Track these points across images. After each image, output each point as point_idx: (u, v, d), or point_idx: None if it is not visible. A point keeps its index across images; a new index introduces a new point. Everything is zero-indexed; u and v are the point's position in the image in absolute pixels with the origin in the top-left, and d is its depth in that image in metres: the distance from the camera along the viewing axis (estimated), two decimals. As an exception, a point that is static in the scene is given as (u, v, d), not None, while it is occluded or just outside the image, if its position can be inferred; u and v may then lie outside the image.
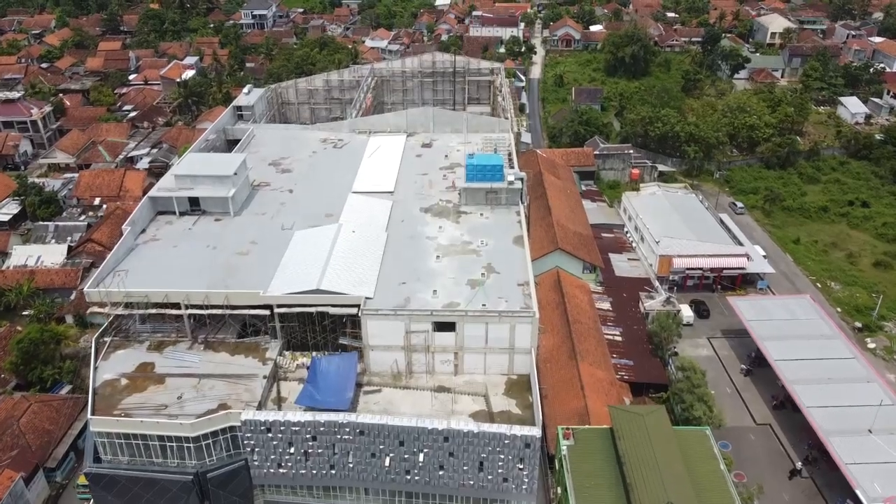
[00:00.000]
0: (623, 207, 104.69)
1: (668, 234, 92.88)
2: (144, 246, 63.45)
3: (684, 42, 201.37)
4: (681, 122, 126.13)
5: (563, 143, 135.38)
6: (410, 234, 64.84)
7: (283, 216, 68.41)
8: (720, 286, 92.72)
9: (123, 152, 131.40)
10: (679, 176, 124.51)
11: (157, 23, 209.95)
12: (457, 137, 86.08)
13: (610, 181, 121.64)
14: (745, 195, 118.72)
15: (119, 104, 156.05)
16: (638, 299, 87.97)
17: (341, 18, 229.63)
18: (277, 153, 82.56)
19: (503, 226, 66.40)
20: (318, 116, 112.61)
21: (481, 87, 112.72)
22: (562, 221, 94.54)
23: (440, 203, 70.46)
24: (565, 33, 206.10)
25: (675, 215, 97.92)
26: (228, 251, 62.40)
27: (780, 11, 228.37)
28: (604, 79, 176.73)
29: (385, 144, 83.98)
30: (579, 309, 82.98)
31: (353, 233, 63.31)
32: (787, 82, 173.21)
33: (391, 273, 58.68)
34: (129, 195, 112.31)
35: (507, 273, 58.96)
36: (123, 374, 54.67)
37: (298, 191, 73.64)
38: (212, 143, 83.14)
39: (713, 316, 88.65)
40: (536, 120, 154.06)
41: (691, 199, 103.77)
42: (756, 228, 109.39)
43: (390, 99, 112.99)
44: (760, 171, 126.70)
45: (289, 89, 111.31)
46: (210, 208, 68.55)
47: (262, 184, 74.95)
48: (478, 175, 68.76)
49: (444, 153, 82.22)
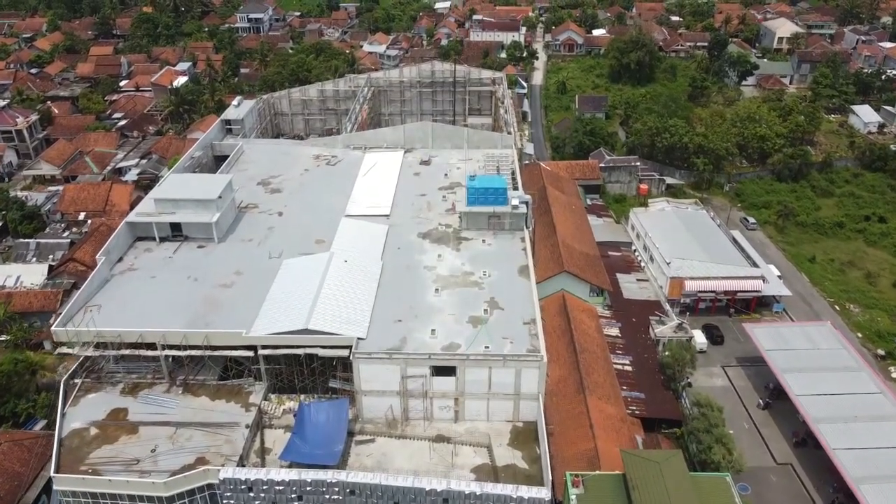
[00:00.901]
0: (631, 224, 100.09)
1: (679, 255, 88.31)
2: (120, 277, 58.88)
3: (689, 47, 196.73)
4: (689, 132, 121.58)
5: (566, 153, 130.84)
6: (407, 264, 60.31)
7: (271, 242, 63.93)
8: (734, 309, 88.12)
9: (112, 163, 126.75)
10: (688, 189, 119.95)
11: (151, 27, 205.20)
12: (457, 154, 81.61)
13: (616, 194, 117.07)
14: (756, 210, 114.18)
15: (109, 112, 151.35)
16: (648, 324, 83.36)
17: (339, 22, 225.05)
18: (267, 171, 78.07)
19: (507, 254, 61.89)
20: (313, 127, 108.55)
21: (482, 97, 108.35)
22: (567, 241, 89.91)
23: (439, 228, 65.95)
24: (568, 38, 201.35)
25: (686, 233, 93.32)
26: (211, 283, 57.89)
27: (786, 15, 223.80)
28: (608, 85, 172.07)
29: (381, 162, 79.55)
30: (587, 336, 78.39)
31: (345, 262, 58.80)
32: (795, 89, 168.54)
33: (386, 309, 54.13)
34: (115, 210, 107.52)
35: (512, 309, 54.43)
36: (93, 423, 50.11)
37: (288, 213, 69.12)
38: (197, 161, 78.58)
39: (727, 342, 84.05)
40: (539, 129, 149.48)
41: (702, 215, 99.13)
42: (769, 246, 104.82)
43: (387, 110, 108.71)
44: (772, 183, 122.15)
45: (282, 99, 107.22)
46: (192, 234, 64.04)
47: (250, 206, 70.43)
48: (479, 198, 64.25)
49: (444, 171, 77.75)
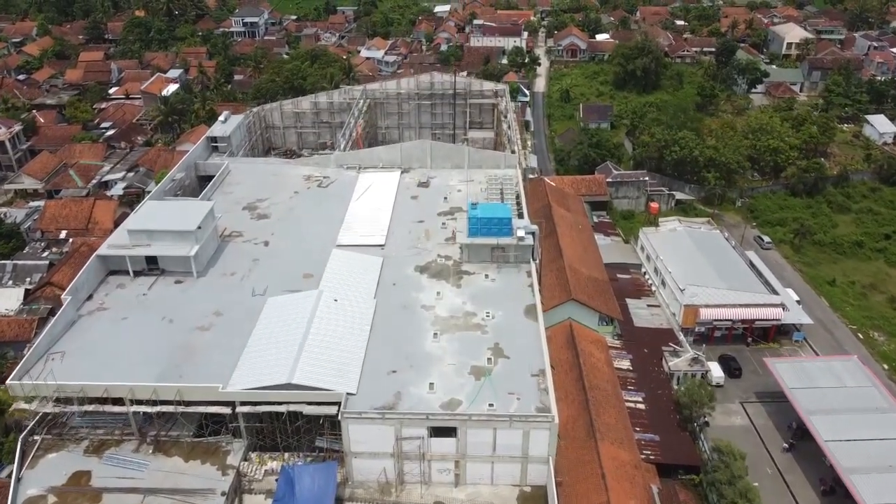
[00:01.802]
0: (640, 245, 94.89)
1: (693, 280, 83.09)
2: (88, 318, 53.68)
3: (695, 52, 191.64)
4: (699, 144, 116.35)
5: (570, 166, 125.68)
6: (403, 303, 55.14)
7: (255, 277, 58.75)
8: (752, 338, 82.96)
9: (97, 176, 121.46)
10: (698, 204, 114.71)
11: (143, 31, 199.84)
12: (457, 174, 76.49)
13: (623, 211, 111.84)
14: (771, 227, 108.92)
15: (97, 121, 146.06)
16: (661, 355, 78.22)
17: (336, 26, 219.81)
18: (254, 193, 72.89)
19: (512, 291, 56.74)
20: (306, 141, 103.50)
21: (484, 109, 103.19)
22: (574, 264, 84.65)
23: (438, 260, 60.77)
24: (570, 43, 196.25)
25: (700, 256, 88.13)
26: (187, 325, 52.68)
27: (794, 20, 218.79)
28: (612, 92, 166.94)
29: (376, 183, 74.39)
30: (596, 371, 73.16)
31: (334, 302, 53.64)
32: (806, 97, 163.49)
33: (379, 358, 48.96)
34: (97, 228, 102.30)
35: (519, 358, 49.29)
36: (52, 489, 44.91)
37: (275, 243, 63.92)
38: (179, 183, 73.35)
39: (745, 374, 78.81)
40: (542, 139, 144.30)
41: (716, 236, 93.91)
42: (786, 267, 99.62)
43: (384, 123, 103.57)
44: (786, 198, 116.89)
45: (273, 112, 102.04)
46: (170, 267, 58.87)
47: (234, 234, 65.24)
48: (482, 229, 59.09)
49: (443, 194, 72.57)
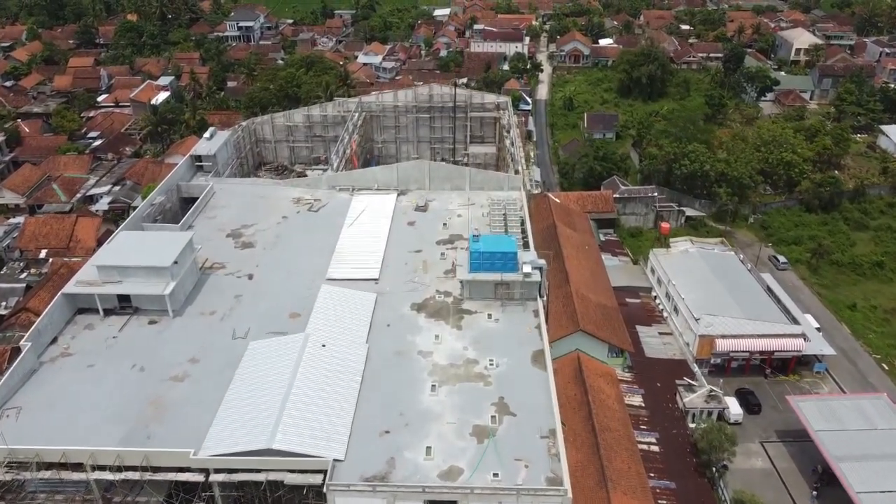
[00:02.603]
0: (651, 267, 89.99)
1: (708, 308, 78.25)
2: (51, 366, 48.63)
3: (701, 58, 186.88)
4: (710, 158, 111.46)
5: (575, 179, 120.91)
6: (398, 349, 50.10)
7: (237, 316, 53.73)
8: (770, 370, 78.09)
9: (82, 190, 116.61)
10: (709, 221, 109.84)
11: (135, 36, 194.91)
12: (457, 197, 71.45)
13: (631, 228, 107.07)
14: (786, 246, 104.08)
15: (84, 130, 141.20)
16: (674, 390, 73.41)
17: (333, 31, 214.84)
18: (239, 218, 67.81)
19: (518, 334, 51.65)
20: (299, 155, 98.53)
21: (485, 123, 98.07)
22: (582, 290, 79.90)
23: (437, 297, 55.71)
24: (573, 48, 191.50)
25: (715, 281, 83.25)
26: (159, 374, 47.66)
27: (801, 24, 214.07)
28: (617, 100, 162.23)
29: (371, 206, 69.33)
30: (606, 409, 68.29)
31: (322, 347, 48.64)
32: (817, 105, 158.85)
33: (371, 415, 43.93)
34: (79, 247, 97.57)
35: (527, 415, 44.22)
36: (2, 567, 39.94)
37: (260, 276, 58.87)
38: (160, 207, 68.29)
39: (765, 410, 74.02)
40: (545, 149, 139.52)
41: (730, 258, 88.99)
42: (803, 289, 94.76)
43: (381, 137, 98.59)
44: (800, 214, 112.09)
45: (264, 125, 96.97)
46: (144, 305, 53.83)
47: (216, 265, 60.18)
48: (485, 264, 54.03)
49: (443, 220, 67.48)
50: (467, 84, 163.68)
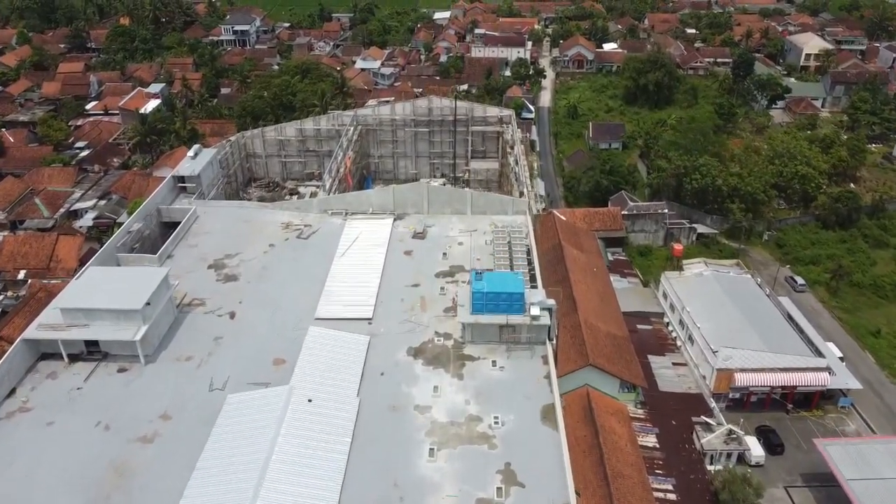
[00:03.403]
0: (662, 291, 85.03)
1: (725, 337, 73.38)
2: (6, 423, 43.64)
3: (708, 63, 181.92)
4: (722, 172, 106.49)
5: (581, 192, 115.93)
6: (393, 402, 45.17)
7: (216, 362, 48.81)
8: (792, 405, 73.17)
9: (66, 205, 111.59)
10: (722, 238, 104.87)
11: (127, 40, 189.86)
12: (458, 222, 66.62)
13: (640, 246, 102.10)
14: (803, 266, 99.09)
15: (72, 140, 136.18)
16: (691, 428, 68.47)
17: (331, 34, 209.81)
18: (223, 246, 62.87)
19: (526, 386, 46.73)
20: (291, 171, 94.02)
21: (488, 137, 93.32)
22: (591, 320, 74.74)
23: (436, 340, 50.78)
24: (577, 53, 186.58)
25: (732, 308, 78.25)
26: (126, 434, 42.74)
27: (809, 27, 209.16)
28: (622, 108, 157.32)
29: (365, 233, 64.46)
30: (619, 452, 63.28)
31: (308, 402, 43.78)
32: (829, 113, 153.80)
33: (361, 487, 38.99)
34: (60, 267, 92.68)
35: (537, 485, 39.30)
36: None
37: (243, 315, 53.96)
38: (137, 234, 63.33)
39: (788, 450, 69.07)
40: (549, 161, 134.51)
41: (748, 282, 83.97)
42: (822, 314, 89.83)
43: (377, 152, 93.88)
44: (817, 231, 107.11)
45: (254, 139, 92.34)
46: (113, 350, 48.95)
47: (195, 302, 55.28)
48: (489, 305, 49.11)
49: (442, 248, 62.59)
50: (468, 91, 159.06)
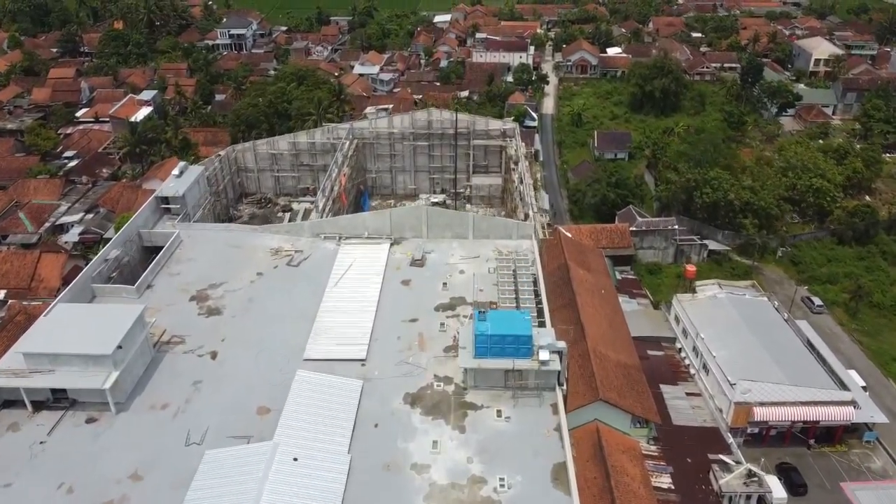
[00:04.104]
0: (674, 314, 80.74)
1: (743, 369, 69.07)
2: (-41, 485, 39.56)
3: (715, 68, 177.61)
4: (734, 185, 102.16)
5: (586, 205, 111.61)
6: (387, 460, 40.92)
7: (194, 410, 44.58)
8: (814, 440, 68.87)
9: (52, 218, 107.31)
10: (734, 255, 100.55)
11: (120, 45, 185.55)
12: (459, 247, 62.37)
13: (649, 263, 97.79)
14: (820, 285, 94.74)
15: (60, 149, 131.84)
16: (707, 466, 64.12)
17: (328, 38, 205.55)
18: (207, 275, 58.61)
19: (534, 440, 42.46)
20: (284, 185, 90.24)
21: (490, 151, 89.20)
22: (600, 348, 70.40)
23: (435, 386, 46.51)
24: (581, 58, 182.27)
25: (749, 335, 73.91)
26: (92, 497, 38.51)
27: (817, 32, 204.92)
28: (628, 115, 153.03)
29: (360, 260, 60.24)
30: (632, 496, 58.87)
31: (294, 461, 39.53)
32: (840, 121, 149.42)
33: (351, 565, 34.91)
34: (42, 287, 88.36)
35: (548, 564, 35.15)
36: None
37: (225, 354, 49.69)
38: (116, 262, 59.06)
39: (811, 490, 64.78)
40: (553, 171, 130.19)
41: (764, 306, 79.60)
42: (842, 337, 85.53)
43: (374, 166, 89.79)
44: (833, 247, 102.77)
45: (246, 153, 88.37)
46: (82, 397, 44.73)
47: (174, 339, 51.02)
48: (493, 349, 44.82)
49: (443, 277, 58.33)
50: (469, 98, 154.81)
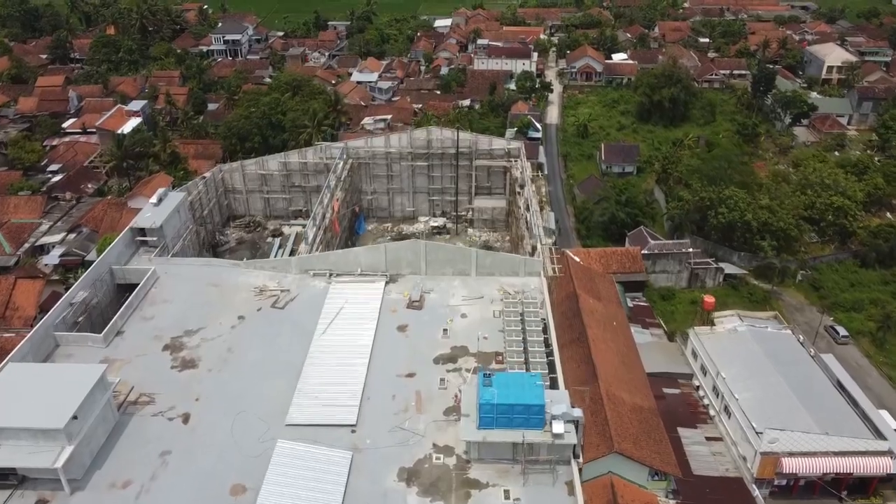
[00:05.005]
0: (691, 349, 75.32)
1: (769, 415, 63.80)
2: None
3: (724, 76, 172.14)
4: (751, 205, 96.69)
5: (594, 224, 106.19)
6: (379, 556, 35.62)
7: (160, 488, 39.16)
8: (846, 492, 63.48)
9: (31, 238, 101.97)
10: (751, 278, 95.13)
11: (111, 51, 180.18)
12: (461, 286, 56.91)
13: (661, 288, 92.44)
14: (843, 312, 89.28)
15: (45, 162, 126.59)
16: (732, 525, 58.84)
17: (326, 44, 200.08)
18: (184, 319, 53.18)
19: (547, 528, 37.14)
20: (275, 208, 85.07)
21: (494, 172, 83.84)
22: (613, 390, 65.10)
23: (434, 459, 41.04)
24: (585, 65, 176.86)
25: (774, 375, 68.51)
26: None
27: (827, 37, 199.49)
28: (635, 125, 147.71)
29: (352, 301, 54.85)
30: (651, 561, 53.89)
31: (271, 560, 34.17)
32: (856, 132, 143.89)
33: None
34: (17, 316, 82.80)
35: None
36: None
37: (199, 418, 44.21)
38: (82, 306, 53.61)
39: (845, 551, 59.55)
40: (558, 185, 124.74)
41: (789, 340, 74.20)
42: (869, 371, 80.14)
43: (370, 187, 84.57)
44: (856, 270, 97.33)
45: (234, 174, 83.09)
46: (33, 474, 39.35)
47: (142, 398, 45.57)
48: (500, 419, 39.35)
49: (443, 322, 52.83)
50: (471, 107, 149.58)
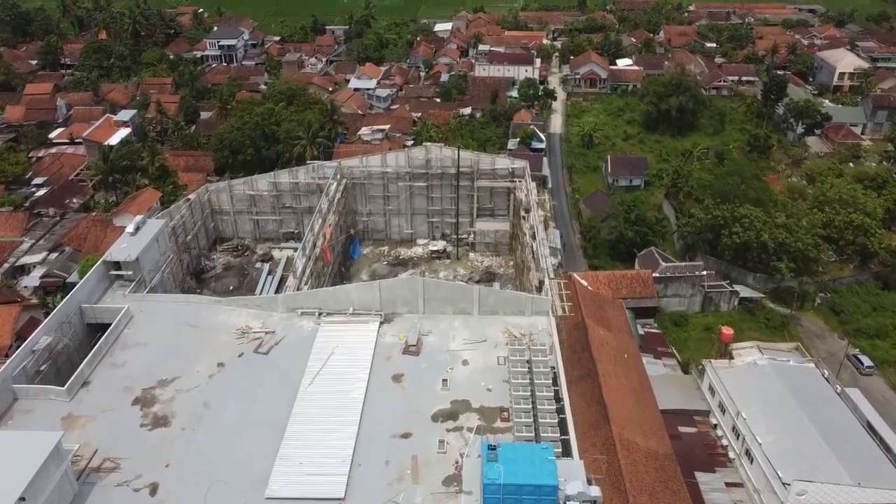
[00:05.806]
0: (708, 384, 70.38)
1: (795, 460, 58.75)
2: None
3: (733, 82, 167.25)
4: (767, 224, 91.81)
5: (601, 242, 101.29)
6: None
7: (120, 580, 34.52)
8: (880, 545, 58.64)
9: (11, 258, 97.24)
10: (768, 301, 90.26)
11: (103, 57, 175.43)
12: (462, 327, 52.15)
13: (673, 313, 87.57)
14: (866, 339, 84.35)
15: (30, 174, 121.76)
16: (758, 586, 54.02)
17: (323, 49, 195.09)
18: (157, 367, 48.38)
19: None
20: (264, 230, 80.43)
21: (497, 192, 79.16)
22: (626, 434, 60.07)
23: (432, 542, 36.44)
24: (590, 71, 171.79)
25: (799, 415, 63.50)
26: None
27: (837, 41, 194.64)
28: (642, 135, 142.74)
29: (342, 346, 50.08)
30: None
31: None
32: (870, 141, 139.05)
33: None
34: (-9, 345, 78.42)
35: None
36: None
37: (168, 489, 39.42)
38: (44, 354, 48.75)
39: None
40: (563, 199, 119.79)
41: (813, 375, 69.10)
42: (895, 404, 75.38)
43: (366, 209, 79.94)
44: (878, 293, 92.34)
45: (220, 194, 78.39)
46: (-24, 562, 34.66)
47: (107, 465, 40.80)
48: (507, 500, 34.51)
49: (442, 372, 48.02)
50: (472, 115, 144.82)
